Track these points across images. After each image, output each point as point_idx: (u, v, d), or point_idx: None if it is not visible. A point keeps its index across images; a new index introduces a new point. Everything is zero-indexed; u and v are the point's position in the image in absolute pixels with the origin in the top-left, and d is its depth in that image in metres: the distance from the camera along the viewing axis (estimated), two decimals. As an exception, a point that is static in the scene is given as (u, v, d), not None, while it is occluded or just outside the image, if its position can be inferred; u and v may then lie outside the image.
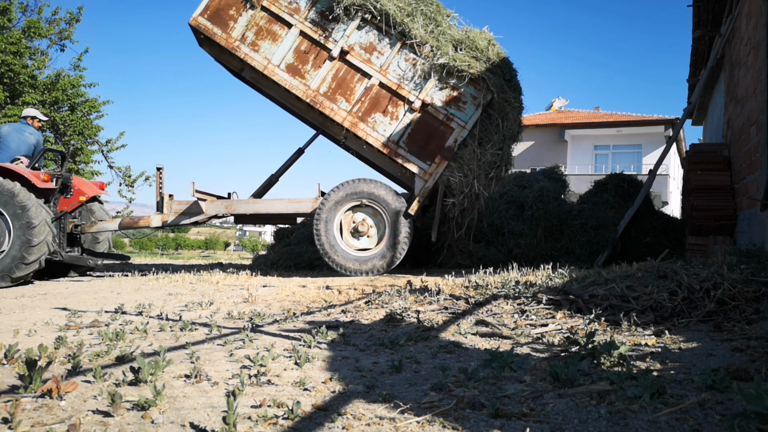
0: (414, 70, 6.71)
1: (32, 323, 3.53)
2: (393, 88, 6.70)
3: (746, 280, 3.20)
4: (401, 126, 6.73)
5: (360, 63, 6.76)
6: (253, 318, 3.55)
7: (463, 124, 6.62)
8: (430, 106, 6.64)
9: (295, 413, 1.58)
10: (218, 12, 6.98)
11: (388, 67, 6.74)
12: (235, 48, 6.91)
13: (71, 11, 16.23)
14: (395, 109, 6.75)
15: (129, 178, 17.12)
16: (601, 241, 7.84)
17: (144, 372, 1.95)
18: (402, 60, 6.75)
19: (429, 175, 6.60)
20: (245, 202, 7.21)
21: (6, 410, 1.60)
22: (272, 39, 6.90)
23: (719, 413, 1.47)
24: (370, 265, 6.55)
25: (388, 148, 6.70)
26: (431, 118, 6.68)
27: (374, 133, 6.75)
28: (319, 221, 6.64)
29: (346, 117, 6.76)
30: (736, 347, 2.31)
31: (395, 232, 6.52)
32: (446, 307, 3.71)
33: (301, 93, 6.84)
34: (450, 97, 6.68)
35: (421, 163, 6.66)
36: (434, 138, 6.67)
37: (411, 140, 6.70)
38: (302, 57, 6.87)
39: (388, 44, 6.78)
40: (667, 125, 22.68)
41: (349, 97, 6.80)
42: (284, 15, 6.86)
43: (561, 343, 2.55)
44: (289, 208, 7.00)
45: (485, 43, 6.80)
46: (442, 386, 1.83)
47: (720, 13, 8.92)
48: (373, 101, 6.78)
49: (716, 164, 7.56)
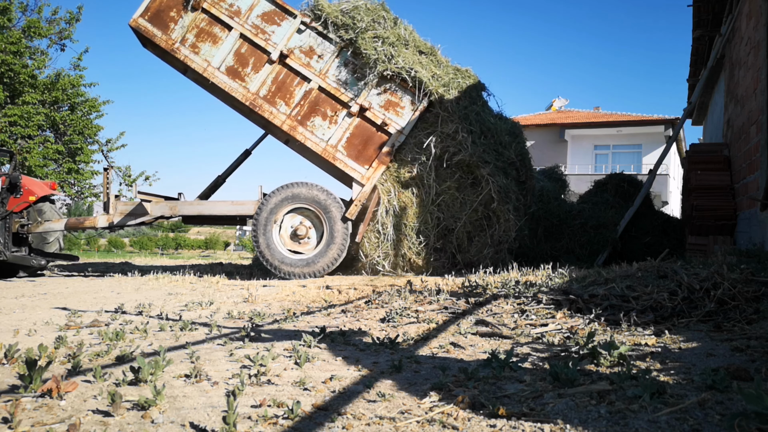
0: (353, 75, 6.79)
1: (32, 323, 3.53)
2: (332, 92, 6.77)
3: (746, 280, 3.20)
4: (340, 130, 6.78)
5: (300, 67, 6.81)
6: (253, 318, 3.55)
7: (400, 129, 6.71)
8: (368, 110, 6.71)
9: (295, 413, 1.58)
10: (159, 13, 6.99)
11: (327, 72, 6.81)
12: (175, 50, 6.93)
13: (71, 11, 16.26)
14: (334, 114, 6.81)
15: (129, 177, 17.13)
16: (601, 240, 7.84)
17: (144, 372, 1.95)
18: (342, 64, 6.82)
19: (367, 179, 6.67)
20: (189, 204, 7.27)
21: (6, 410, 1.60)
22: (212, 41, 6.93)
23: (719, 413, 1.47)
24: (308, 268, 6.56)
25: (327, 152, 6.76)
26: (370, 122, 6.76)
27: (313, 137, 6.80)
28: (258, 224, 6.66)
29: (285, 120, 6.80)
30: (736, 347, 2.31)
31: (333, 235, 6.56)
32: (446, 306, 3.71)
33: (240, 96, 6.87)
34: (388, 103, 6.76)
35: (359, 167, 6.72)
36: (372, 142, 6.75)
37: (349, 144, 6.77)
38: (242, 60, 6.91)
39: (329, 48, 6.84)
40: (667, 125, 22.67)
41: (289, 101, 6.85)
42: (224, 17, 6.88)
43: (561, 343, 2.56)
44: (232, 210, 7.03)
45: (427, 48, 6.97)
46: (442, 386, 1.83)
47: (720, 12, 8.92)
48: (313, 105, 6.83)
49: (716, 164, 7.56)
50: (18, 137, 14.62)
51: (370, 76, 6.70)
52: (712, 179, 7.33)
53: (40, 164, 14.67)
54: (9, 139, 14.40)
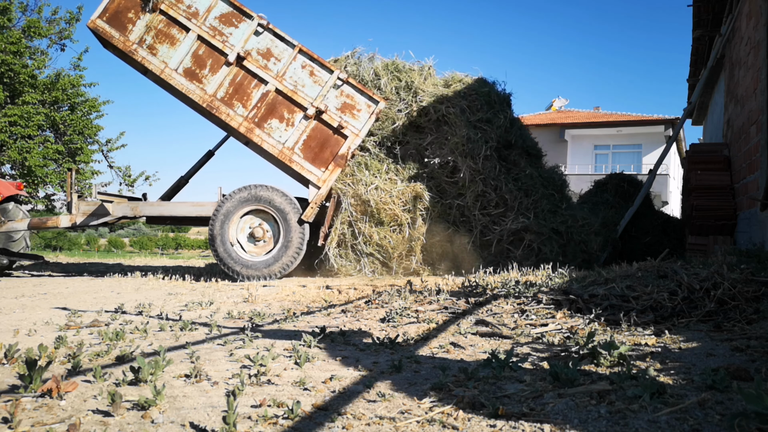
0: (310, 78, 6.83)
1: (32, 323, 3.53)
2: (289, 94, 6.80)
3: (746, 280, 3.20)
4: (297, 132, 6.82)
5: (257, 69, 6.83)
6: (253, 318, 3.55)
7: (356, 132, 6.76)
8: (325, 113, 6.75)
9: (295, 413, 1.58)
10: (117, 15, 6.99)
11: (284, 74, 6.83)
12: (132, 51, 6.94)
13: (71, 11, 16.24)
14: (291, 116, 6.84)
15: (129, 177, 17.13)
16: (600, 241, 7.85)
17: (144, 372, 1.95)
18: (299, 67, 6.85)
19: (323, 182, 6.71)
20: (150, 205, 7.32)
21: (6, 410, 1.60)
22: (170, 43, 6.94)
23: (719, 413, 1.47)
24: (263, 270, 6.58)
25: (284, 154, 6.80)
26: (326, 125, 6.80)
27: (270, 139, 6.83)
28: (215, 225, 6.68)
29: (242, 123, 6.83)
30: (736, 347, 2.31)
31: (289, 237, 6.58)
32: (446, 306, 3.71)
33: (197, 98, 6.89)
34: (345, 105, 6.81)
35: (316, 169, 6.76)
36: (329, 145, 6.79)
37: (306, 147, 6.81)
38: (200, 61, 6.92)
39: (286, 51, 6.87)
40: (667, 125, 22.66)
41: (246, 103, 6.87)
42: (182, 19, 6.89)
43: (561, 343, 2.56)
44: (192, 211, 7.07)
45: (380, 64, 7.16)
46: (442, 386, 1.83)
47: (720, 12, 8.92)
48: (270, 107, 6.85)
49: (716, 164, 7.56)
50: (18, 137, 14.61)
51: (327, 79, 6.79)
52: (712, 179, 7.33)
53: (40, 164, 14.66)
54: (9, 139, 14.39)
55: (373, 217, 6.57)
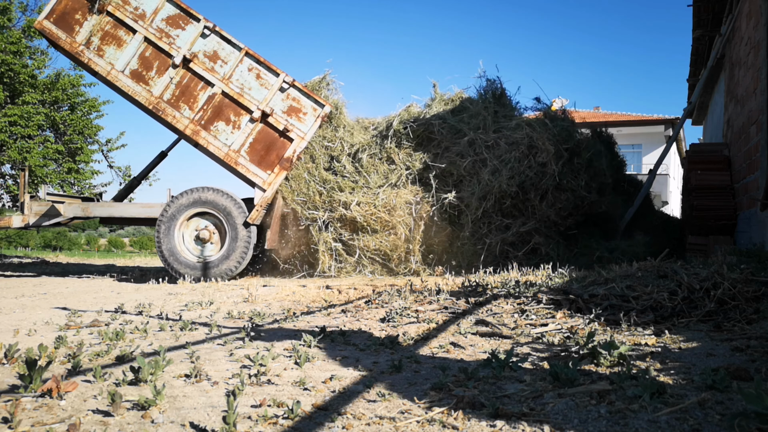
0: (257, 81, 6.85)
1: (32, 323, 3.53)
2: (235, 97, 6.82)
3: (746, 280, 3.20)
4: (243, 135, 6.85)
5: (203, 71, 6.85)
6: (253, 317, 3.55)
7: (302, 135, 6.79)
8: (271, 116, 6.78)
9: (295, 413, 1.58)
10: (64, 16, 7.00)
11: (231, 77, 6.86)
12: (79, 53, 6.95)
13: (71, 11, 16.20)
14: (238, 118, 6.87)
15: (129, 177, 17.12)
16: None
17: (144, 372, 1.95)
18: (245, 70, 6.87)
19: (268, 185, 6.74)
20: (101, 205, 7.37)
21: (6, 410, 1.60)
22: (117, 44, 6.96)
23: (719, 413, 1.47)
24: (208, 272, 6.61)
25: (229, 157, 6.83)
26: (272, 128, 6.83)
27: (216, 142, 6.85)
28: (161, 227, 6.69)
29: (188, 125, 6.86)
30: (736, 347, 2.31)
31: (235, 240, 6.60)
32: (446, 306, 3.71)
33: (143, 100, 6.91)
34: (291, 109, 6.84)
35: (261, 172, 6.79)
36: (275, 148, 6.83)
37: (252, 149, 6.84)
38: (147, 63, 6.94)
39: (232, 53, 6.89)
40: (667, 125, 22.67)
41: (193, 105, 6.89)
42: (129, 21, 6.90)
43: (561, 343, 2.55)
44: (141, 212, 7.11)
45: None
46: (442, 386, 1.83)
47: (720, 12, 8.92)
48: (217, 110, 6.88)
49: (716, 164, 7.56)
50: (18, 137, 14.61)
51: (273, 81, 6.81)
52: (712, 179, 7.33)
53: (40, 164, 14.66)
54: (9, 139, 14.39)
55: (365, 229, 6.58)
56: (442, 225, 6.68)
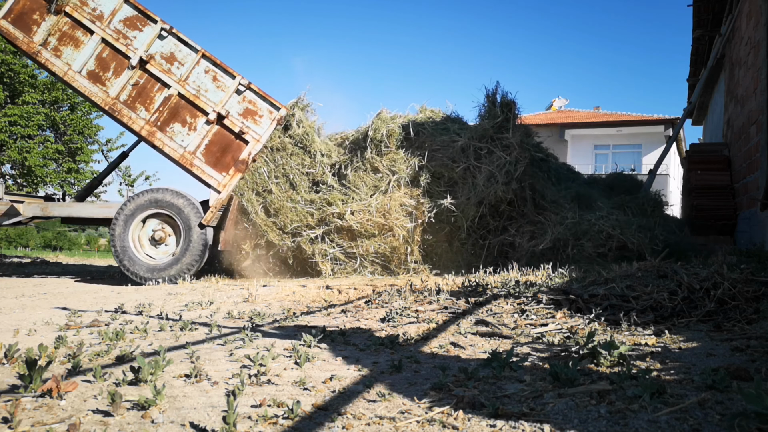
0: (213, 83, 6.87)
1: (32, 323, 3.53)
2: (191, 99, 6.83)
3: (746, 280, 3.20)
4: (198, 137, 6.86)
5: (159, 73, 6.87)
6: (253, 317, 3.55)
7: (257, 138, 6.81)
8: (226, 118, 6.79)
9: (295, 413, 1.58)
10: (22, 16, 7.00)
11: (187, 78, 6.87)
12: (36, 53, 6.96)
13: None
14: (194, 120, 6.88)
15: (129, 177, 17.12)
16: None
17: (144, 371, 1.95)
18: (202, 72, 6.89)
19: (223, 186, 6.75)
20: (60, 205, 7.39)
21: (6, 410, 1.60)
22: (75, 45, 6.96)
23: (719, 413, 1.47)
24: (164, 273, 6.61)
25: (185, 159, 6.84)
26: (228, 130, 6.85)
27: (172, 143, 6.86)
28: (116, 228, 6.69)
29: (144, 126, 6.87)
30: (736, 347, 2.31)
31: (190, 241, 6.61)
32: (446, 306, 3.71)
33: (100, 100, 6.92)
34: (247, 111, 6.86)
35: (217, 174, 6.81)
36: (230, 150, 6.84)
37: (208, 151, 6.85)
38: (104, 64, 6.95)
39: (189, 55, 6.91)
40: (667, 125, 22.66)
41: (149, 107, 6.90)
42: (87, 22, 6.91)
43: (561, 343, 2.56)
44: (99, 212, 7.14)
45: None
46: (442, 386, 1.83)
47: (720, 12, 8.92)
48: (173, 111, 6.89)
49: (716, 164, 7.56)
50: (18, 137, 14.62)
51: (230, 84, 6.82)
52: (712, 179, 7.34)
53: (40, 164, 14.67)
54: (9, 138, 14.39)
55: (363, 235, 6.58)
56: (440, 226, 6.68)
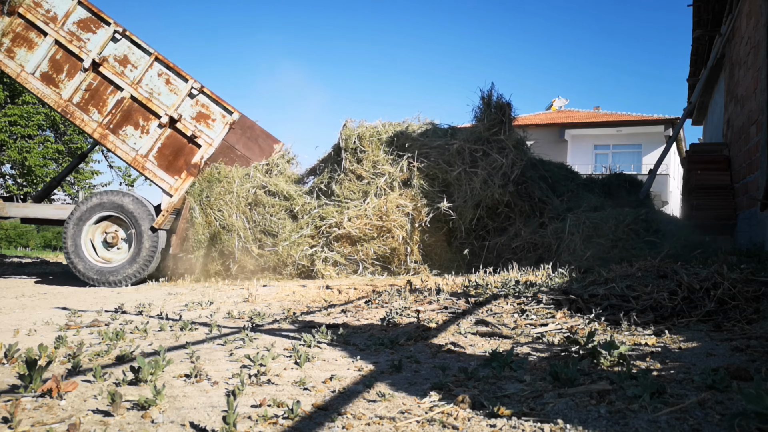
0: (166, 86, 6.89)
1: (32, 323, 3.53)
2: (144, 102, 6.84)
3: (746, 280, 3.20)
4: (151, 140, 6.87)
5: (112, 75, 6.87)
6: (253, 317, 3.55)
7: (210, 142, 6.83)
8: (179, 122, 6.81)
9: (295, 413, 1.58)
10: None
11: (140, 81, 6.89)
12: None
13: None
14: (146, 123, 6.90)
15: (129, 177, 17.13)
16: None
17: (144, 371, 1.95)
18: (155, 75, 6.91)
19: (175, 190, 6.77)
20: (16, 206, 7.43)
21: (6, 410, 1.60)
22: (28, 47, 6.96)
23: (719, 413, 1.47)
24: (116, 276, 6.61)
25: (137, 162, 6.86)
26: (181, 134, 6.86)
27: (124, 146, 6.88)
28: (68, 230, 6.70)
29: (96, 128, 6.88)
30: (736, 347, 2.31)
31: (141, 245, 6.62)
32: (446, 306, 3.71)
33: (53, 102, 6.93)
34: (200, 115, 6.88)
35: (169, 177, 6.83)
36: (183, 154, 6.86)
37: (160, 155, 6.88)
38: (57, 66, 6.95)
39: (143, 58, 6.91)
40: (667, 125, 22.66)
41: (102, 109, 6.91)
42: (40, 23, 6.91)
43: (561, 343, 2.56)
44: (54, 214, 7.15)
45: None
46: (442, 386, 1.83)
47: (720, 12, 8.92)
48: (126, 114, 6.90)
49: (716, 164, 7.57)
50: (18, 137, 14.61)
51: (183, 87, 6.83)
52: (712, 179, 7.34)
53: (40, 164, 14.67)
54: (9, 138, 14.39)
55: (363, 239, 6.58)
56: (439, 225, 6.68)
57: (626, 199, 7.18)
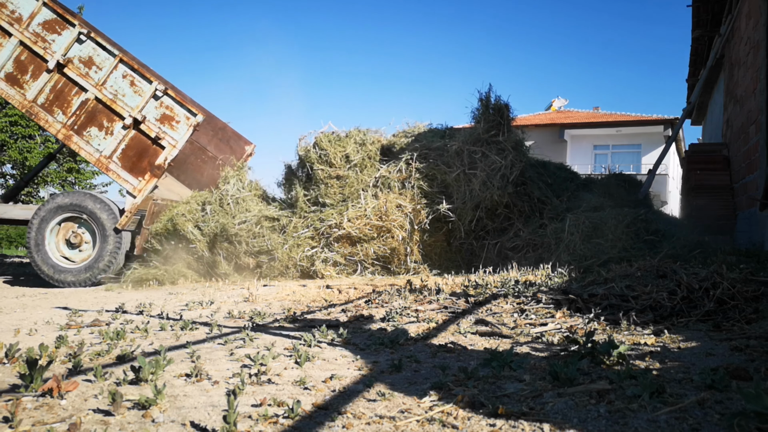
0: (131, 87, 6.92)
1: (33, 322, 3.54)
2: (108, 103, 6.87)
3: (745, 280, 3.20)
4: (115, 141, 6.91)
5: (77, 77, 6.90)
6: (253, 317, 3.55)
7: (174, 143, 6.85)
8: (143, 123, 6.84)
9: (296, 412, 1.59)
10: None
11: (105, 83, 6.91)
12: None
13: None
14: (111, 125, 6.93)
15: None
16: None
17: (145, 371, 1.95)
18: (120, 76, 6.93)
19: (138, 191, 6.79)
20: None
21: (7, 409, 1.60)
22: None
23: (718, 412, 1.47)
24: (78, 276, 6.65)
25: (100, 163, 6.89)
26: (145, 135, 6.90)
27: (88, 147, 6.91)
28: (31, 230, 6.74)
29: (60, 129, 6.90)
30: (735, 346, 2.31)
31: (104, 246, 6.67)
32: (446, 306, 3.72)
33: (17, 103, 6.94)
34: (164, 117, 6.91)
35: (132, 178, 6.86)
36: (147, 155, 6.90)
37: (124, 156, 6.91)
38: (21, 67, 6.97)
39: (107, 59, 6.94)
40: (667, 125, 22.67)
41: (66, 110, 6.95)
42: (5, 24, 6.94)
43: (560, 343, 2.56)
44: (20, 214, 7.22)
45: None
46: (442, 385, 1.84)
47: (719, 13, 8.93)
48: (90, 115, 6.93)
49: (715, 164, 7.57)
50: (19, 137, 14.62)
51: (147, 89, 6.86)
52: (711, 179, 7.34)
53: (40, 164, 14.66)
54: (10, 138, 14.39)
55: (362, 239, 6.58)
56: (438, 225, 6.69)
57: (625, 199, 7.17)
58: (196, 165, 8.53)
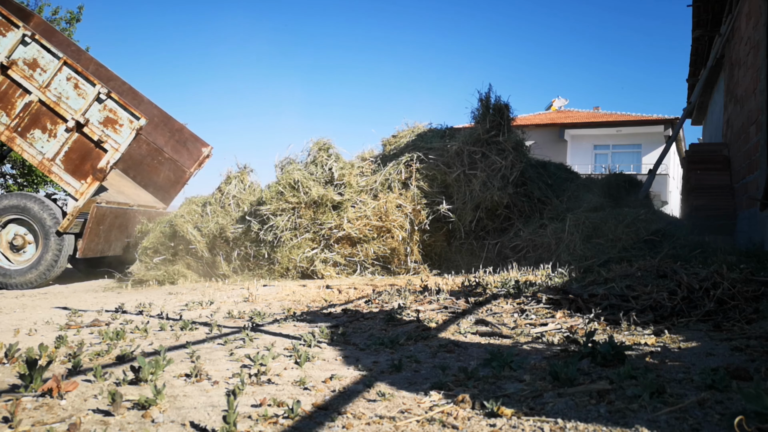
0: (75, 90, 6.90)
1: (33, 322, 3.54)
2: (52, 106, 6.85)
3: (746, 280, 3.20)
4: (58, 144, 6.88)
5: (21, 79, 6.87)
6: (253, 317, 3.55)
7: (116, 147, 6.84)
8: (86, 126, 6.82)
9: (296, 412, 1.59)
10: None
11: (49, 85, 6.89)
12: None
13: (71, 11, 16.21)
14: (54, 127, 6.91)
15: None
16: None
17: (144, 371, 1.95)
18: (64, 79, 6.90)
19: (80, 194, 6.77)
20: None
21: (6, 409, 1.60)
22: None
23: (719, 412, 1.47)
24: (21, 278, 6.65)
25: (43, 165, 6.86)
26: (88, 138, 6.88)
27: (31, 149, 6.89)
28: None
29: (3, 131, 6.88)
30: (735, 347, 2.31)
31: (46, 248, 6.67)
32: (446, 306, 3.72)
33: None
34: (107, 120, 6.89)
35: (75, 181, 6.83)
36: (90, 158, 6.88)
37: (67, 159, 6.88)
38: None
39: (52, 62, 6.91)
40: (667, 125, 22.67)
41: (10, 112, 6.92)
42: None
43: (561, 343, 2.56)
44: None
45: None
46: (442, 385, 1.84)
47: (720, 12, 8.93)
48: (34, 117, 6.91)
49: (716, 164, 7.57)
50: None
51: (90, 92, 6.85)
52: (711, 179, 7.34)
53: (40, 164, 14.65)
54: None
55: (363, 240, 6.57)
56: (439, 225, 6.68)
57: (626, 199, 7.17)
58: (152, 166, 8.55)
